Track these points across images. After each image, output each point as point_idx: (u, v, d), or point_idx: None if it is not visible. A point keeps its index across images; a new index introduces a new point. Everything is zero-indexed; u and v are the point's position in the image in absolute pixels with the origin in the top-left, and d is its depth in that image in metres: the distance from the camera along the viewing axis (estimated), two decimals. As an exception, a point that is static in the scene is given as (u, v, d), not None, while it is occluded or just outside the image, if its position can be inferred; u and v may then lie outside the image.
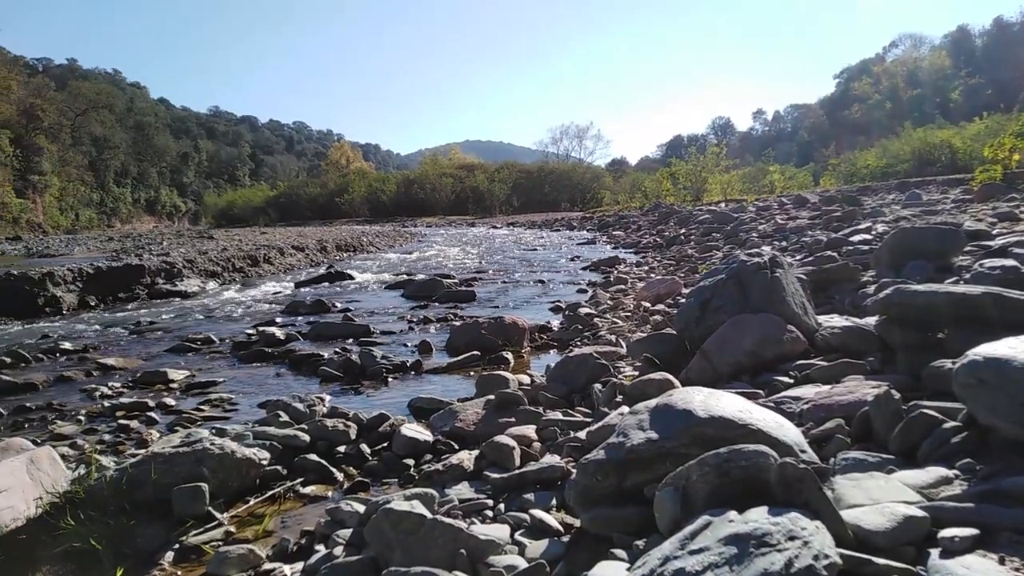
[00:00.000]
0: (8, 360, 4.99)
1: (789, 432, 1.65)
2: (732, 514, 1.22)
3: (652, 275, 7.88)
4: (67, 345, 5.50)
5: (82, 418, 3.61)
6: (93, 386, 4.22)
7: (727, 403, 1.70)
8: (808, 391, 2.30)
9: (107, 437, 3.26)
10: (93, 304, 8.06)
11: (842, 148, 45.44)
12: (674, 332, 3.33)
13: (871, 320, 2.84)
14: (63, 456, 2.76)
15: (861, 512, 1.31)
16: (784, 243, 8.27)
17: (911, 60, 68.73)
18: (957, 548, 1.20)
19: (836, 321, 3.02)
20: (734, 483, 1.35)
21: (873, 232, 6.69)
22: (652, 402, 1.84)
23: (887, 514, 1.28)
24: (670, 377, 2.63)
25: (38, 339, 5.95)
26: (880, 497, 1.39)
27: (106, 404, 3.81)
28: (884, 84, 66.54)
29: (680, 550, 1.17)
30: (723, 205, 20.22)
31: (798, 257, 6.09)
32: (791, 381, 2.52)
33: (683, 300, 4.84)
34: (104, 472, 2.45)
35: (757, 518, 1.18)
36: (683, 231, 13.60)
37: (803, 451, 1.61)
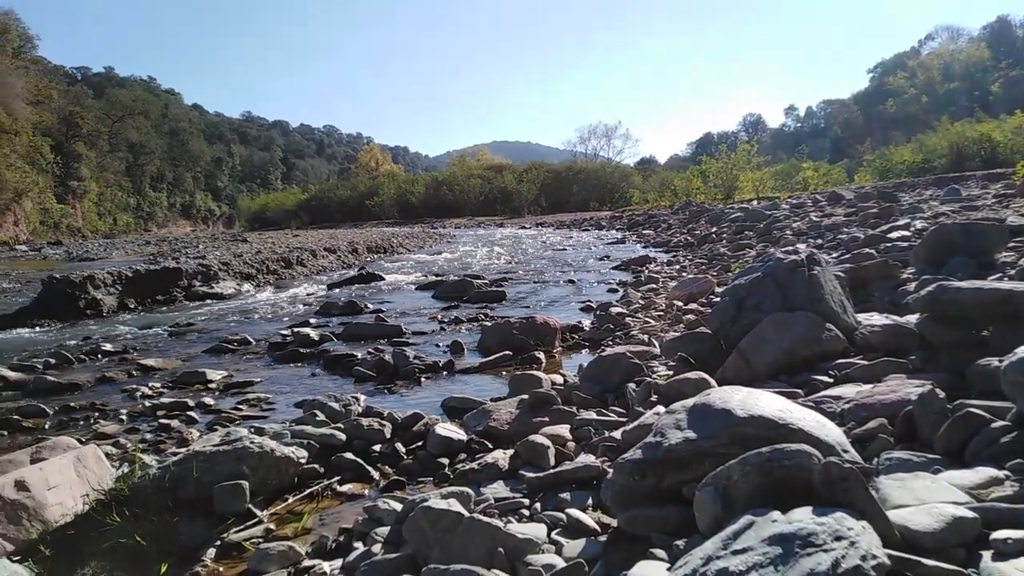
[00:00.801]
0: (53, 361, 5.13)
1: (830, 432, 1.62)
2: (775, 514, 1.21)
3: (684, 274, 7.81)
4: (108, 346, 5.63)
5: (124, 417, 3.70)
6: (134, 386, 4.33)
7: (766, 402, 1.68)
8: (849, 390, 2.26)
9: (149, 436, 3.33)
10: (132, 306, 8.25)
11: (876, 144, 44.53)
12: (709, 331, 3.30)
13: (912, 318, 2.79)
14: (107, 454, 2.82)
15: (908, 513, 1.28)
16: (819, 241, 8.14)
17: (948, 53, 67.19)
18: (1010, 550, 1.17)
19: (876, 319, 2.97)
20: (776, 483, 1.33)
21: (911, 229, 6.55)
22: (689, 401, 1.83)
23: (935, 515, 1.25)
24: (706, 376, 2.60)
25: (80, 341, 6.11)
26: (927, 497, 1.36)
27: (147, 404, 3.91)
28: (920, 78, 65.15)
29: (723, 550, 1.16)
30: (755, 203, 19.96)
31: (834, 255, 5.98)
32: (831, 380, 2.48)
33: (717, 299, 4.80)
34: (147, 470, 2.50)
35: (801, 518, 1.16)
36: (714, 229, 13.46)
37: (845, 451, 1.58)
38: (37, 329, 7.01)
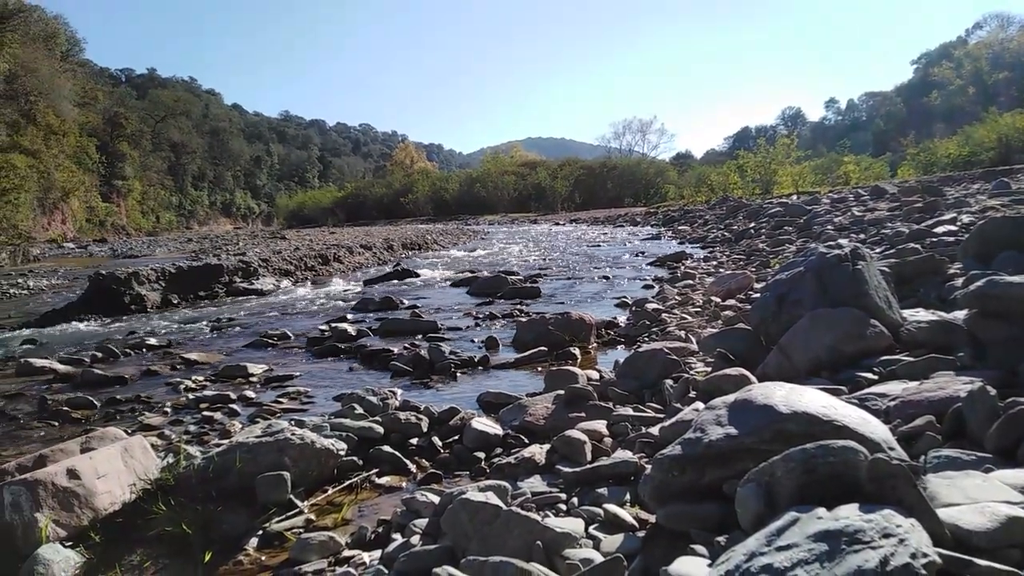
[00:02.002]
0: (100, 355, 5.28)
1: (876, 429, 1.59)
2: (821, 511, 1.19)
3: (721, 270, 7.72)
4: (152, 341, 5.78)
5: (168, 410, 3.79)
6: (178, 379, 4.43)
7: (810, 399, 1.65)
8: (894, 387, 2.21)
9: (192, 428, 3.41)
10: (175, 302, 8.45)
11: (921, 137, 43.34)
12: (748, 327, 3.25)
13: (959, 314, 2.71)
14: (153, 445, 2.89)
15: (958, 511, 1.25)
16: (862, 236, 7.96)
17: (997, 41, 65.02)
18: (1068, 552, 1.13)
19: (922, 315, 2.89)
20: (821, 480, 1.30)
21: (958, 223, 6.38)
22: (729, 398, 1.80)
23: (988, 514, 1.21)
24: (746, 373, 2.57)
25: (126, 335, 6.28)
26: (978, 496, 1.32)
27: (190, 396, 3.99)
28: (967, 68, 63.24)
29: (767, 546, 1.14)
30: (795, 197, 19.62)
31: (878, 250, 5.85)
32: (875, 377, 2.43)
33: (756, 295, 4.73)
34: (192, 460, 2.56)
35: (848, 515, 1.14)
36: (752, 225, 13.26)
37: (891, 448, 1.54)
38: (84, 324, 7.21)
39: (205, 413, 3.63)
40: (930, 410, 1.92)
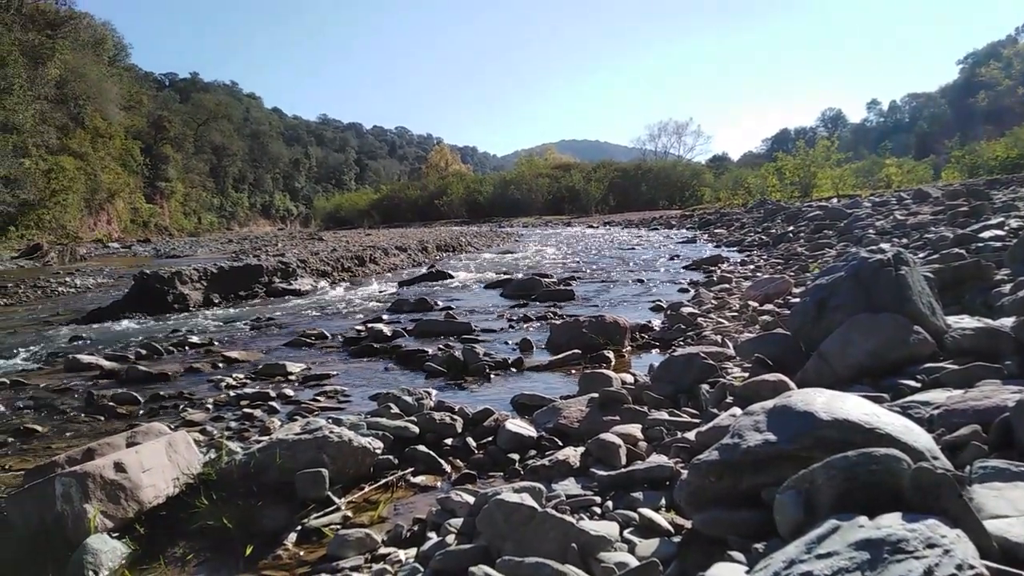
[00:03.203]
0: (144, 352, 5.43)
1: (919, 437, 1.55)
2: (862, 519, 1.17)
3: (759, 274, 7.62)
4: (195, 339, 5.92)
5: (210, 406, 3.88)
6: (219, 377, 4.54)
7: (851, 406, 1.62)
8: (938, 396, 2.16)
9: (233, 424, 3.48)
10: (216, 301, 8.63)
11: (966, 139, 42.14)
12: (787, 332, 3.21)
13: (1007, 321, 2.64)
14: (195, 441, 2.96)
15: (1007, 523, 1.22)
16: (905, 240, 7.78)
17: (1049, 40, 62.93)
18: (1123, 568, 1.09)
19: (967, 322, 2.82)
20: (862, 488, 1.28)
21: (1006, 228, 6.19)
22: (768, 403, 1.78)
23: (1038, 527, 1.18)
24: (785, 379, 2.53)
25: (169, 333, 6.44)
26: (1028, 509, 1.29)
27: (231, 394, 4.08)
28: (1016, 68, 61.31)
29: (806, 554, 1.13)
30: (835, 201, 19.25)
31: (921, 255, 5.71)
32: (918, 385, 2.37)
33: (795, 300, 4.65)
34: (233, 456, 2.62)
35: (891, 524, 1.12)
36: (791, 228, 13.06)
37: (935, 458, 1.51)
38: (129, 322, 7.42)
39: (245, 410, 3.71)
40: (976, 419, 1.87)
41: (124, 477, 2.32)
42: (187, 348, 5.67)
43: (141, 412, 3.87)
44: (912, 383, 2.39)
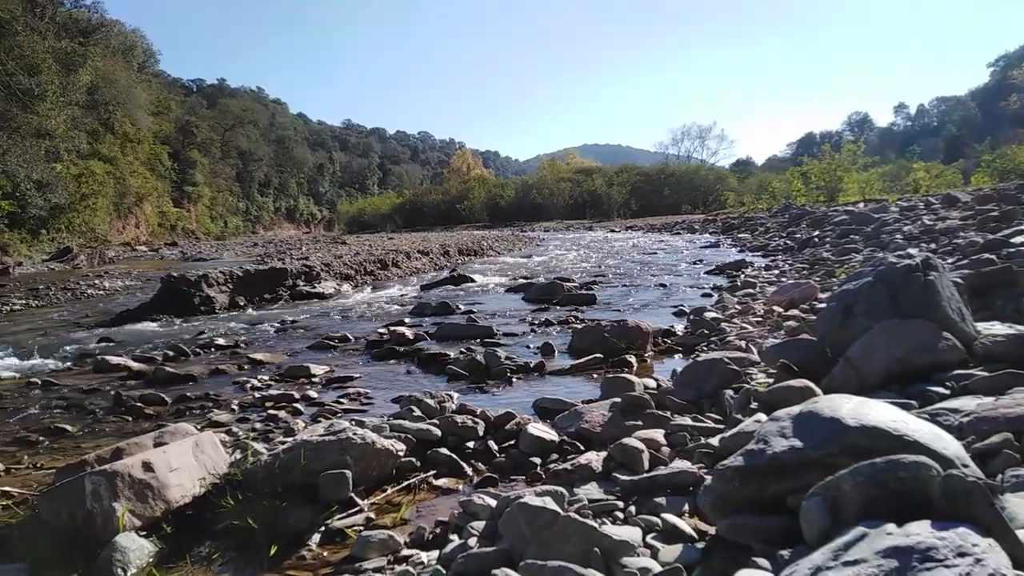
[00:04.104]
0: (171, 353, 5.51)
1: (949, 445, 1.53)
2: (890, 526, 1.15)
3: (784, 279, 7.53)
4: (221, 341, 6.00)
5: (236, 407, 3.92)
6: (244, 378, 4.60)
7: (879, 412, 1.60)
8: (968, 403, 2.12)
9: (258, 425, 3.52)
10: (242, 304, 8.73)
11: (997, 143, 41.23)
12: (812, 338, 3.17)
13: (1040, 327, 2.58)
14: (221, 442, 3.00)
15: (1041, 534, 1.19)
16: (933, 245, 7.66)
17: (1084, 42, 61.50)
18: None
19: (998, 328, 2.77)
20: (890, 495, 1.27)
21: (1039, 233, 6.05)
22: (794, 409, 1.76)
23: (1073, 538, 1.15)
24: (811, 384, 2.50)
25: (195, 335, 6.53)
26: (1063, 519, 1.26)
27: (256, 395, 4.13)
28: (1050, 70, 59.95)
29: (833, 561, 1.12)
30: (861, 205, 18.96)
31: (950, 260, 5.61)
32: (947, 392, 2.33)
33: (821, 305, 4.60)
34: (258, 457, 2.65)
35: (920, 531, 1.11)
36: (817, 233, 12.89)
37: (965, 465, 1.48)
38: (156, 323, 7.53)
39: (270, 411, 3.75)
40: (1007, 427, 1.84)
41: (152, 476, 2.35)
42: (213, 350, 5.74)
43: (168, 413, 3.93)
44: (941, 390, 2.35)
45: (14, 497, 2.68)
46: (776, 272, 8.69)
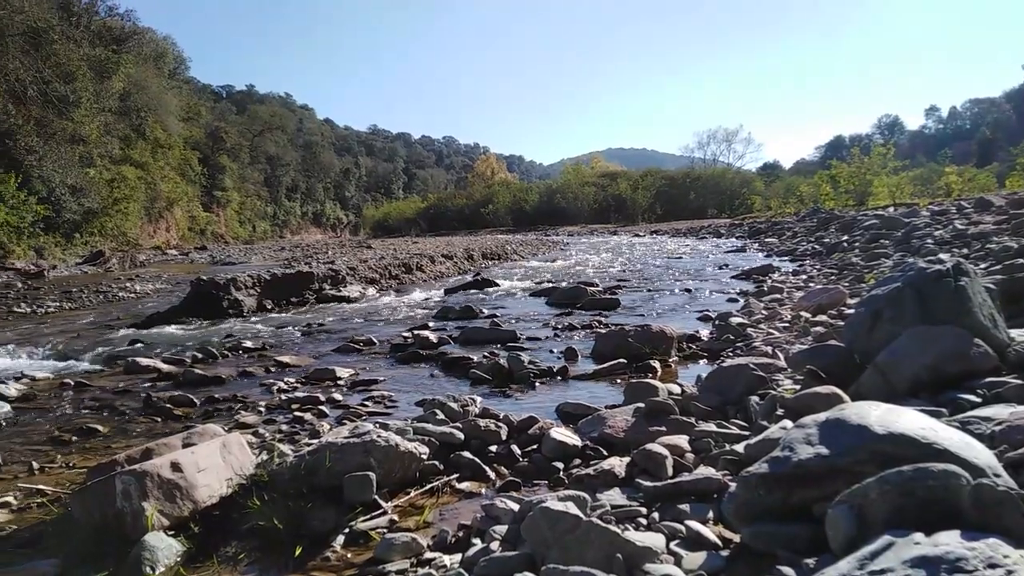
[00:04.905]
0: (200, 356, 5.59)
1: (980, 454, 1.50)
2: (918, 536, 1.13)
3: (811, 284, 7.43)
4: (248, 344, 6.08)
5: (262, 409, 3.97)
6: (271, 381, 4.65)
7: (908, 420, 1.57)
8: (1000, 411, 2.07)
9: (284, 427, 3.56)
10: (269, 307, 8.84)
11: (1034, 146, 40.28)
12: (841, 344, 3.12)
13: (1077, 335, 2.52)
14: (248, 443, 3.04)
15: (1075, 547, 1.16)
16: (965, 250, 7.50)
17: (1124, 41, 59.96)
18: None
19: (1033, 335, 2.71)
20: (918, 504, 1.25)
21: (1077, 238, 5.91)
22: (821, 416, 1.74)
23: (1110, 551, 1.13)
24: (838, 391, 2.47)
25: (223, 338, 6.62)
26: (1099, 532, 1.23)
27: (283, 397, 4.18)
28: (1088, 70, 58.50)
29: (858, 570, 1.10)
30: (891, 209, 18.67)
31: (983, 265, 5.50)
32: (979, 400, 2.28)
33: (849, 311, 4.53)
34: (284, 458, 2.68)
35: (948, 541, 1.09)
36: (845, 237, 12.72)
37: (997, 475, 1.45)
38: (186, 326, 7.65)
39: (296, 413, 3.79)
40: (1042, 437, 1.80)
41: (180, 476, 2.39)
42: (241, 352, 5.82)
43: (196, 414, 3.98)
44: (972, 398, 2.31)
45: (48, 495, 2.75)
46: (804, 277, 8.58)
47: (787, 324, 5.16)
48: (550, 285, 9.62)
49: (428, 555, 2.05)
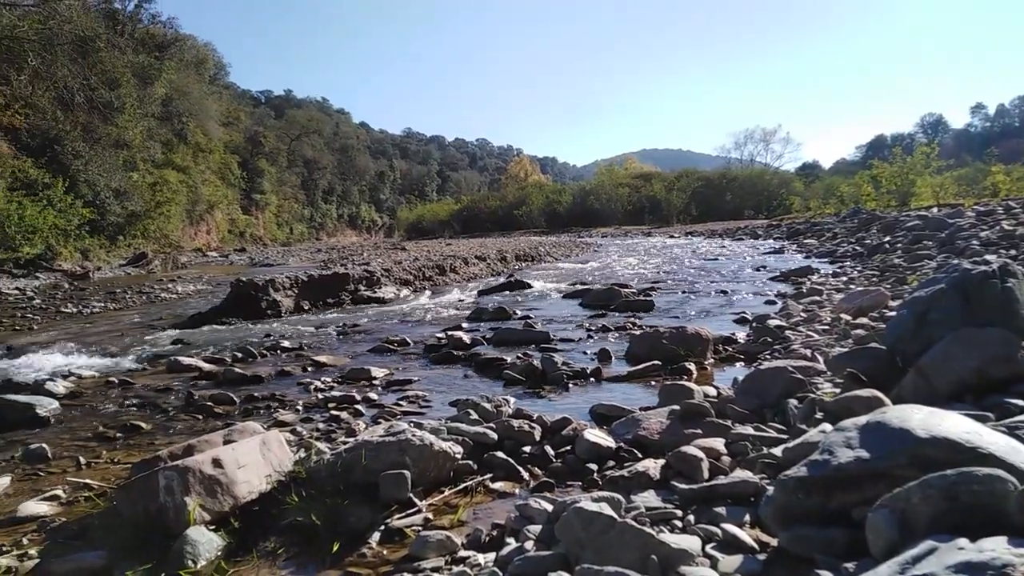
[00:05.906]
0: (239, 355, 5.71)
1: (1028, 459, 1.46)
2: (963, 541, 1.11)
3: (852, 286, 7.28)
4: (286, 344, 6.18)
5: (300, 408, 4.04)
6: (308, 380, 4.73)
7: (951, 424, 1.54)
8: (1051, 416, 2.01)
9: (321, 425, 3.62)
10: (306, 308, 8.98)
11: (1087, 142, 38.89)
12: (882, 347, 3.06)
13: None
14: (286, 440, 3.09)
15: None
16: (1013, 252, 7.28)
17: None
18: None
19: (1085, 339, 2.61)
20: (962, 509, 1.22)
21: None
22: (861, 419, 1.71)
23: None
24: (879, 394, 2.41)
25: (262, 337, 6.75)
26: None
27: (319, 396, 4.25)
28: None
29: (900, 574, 1.09)
30: (935, 210, 18.18)
31: (1032, 267, 5.32)
32: (1027, 404, 2.22)
33: (891, 313, 4.43)
34: (322, 456, 2.72)
35: (994, 547, 1.06)
36: (887, 239, 12.42)
37: (1047, 482, 1.41)
38: (226, 326, 7.81)
39: (333, 412, 3.84)
40: (1094, 442, 1.74)
41: (221, 473, 2.44)
42: (279, 352, 5.92)
43: (236, 412, 4.07)
44: (1019, 402, 2.24)
45: (94, 489, 2.84)
46: (844, 279, 8.40)
47: (827, 327, 5.07)
48: (583, 287, 9.58)
49: (462, 553, 2.07)
